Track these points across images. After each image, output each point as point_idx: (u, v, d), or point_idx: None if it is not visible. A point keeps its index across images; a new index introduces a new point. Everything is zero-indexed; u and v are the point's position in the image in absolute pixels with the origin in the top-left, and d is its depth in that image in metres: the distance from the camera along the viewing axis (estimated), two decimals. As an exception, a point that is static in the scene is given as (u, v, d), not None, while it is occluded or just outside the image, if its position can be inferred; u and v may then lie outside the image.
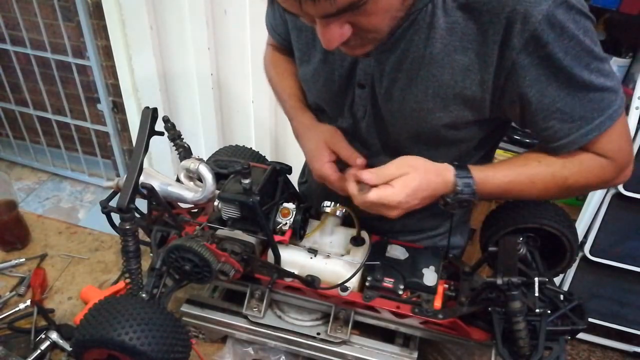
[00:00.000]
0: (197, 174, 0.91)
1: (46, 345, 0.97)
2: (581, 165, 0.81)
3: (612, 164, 0.82)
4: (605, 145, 0.80)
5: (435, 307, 0.84)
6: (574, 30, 0.71)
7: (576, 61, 0.71)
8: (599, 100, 0.75)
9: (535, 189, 0.83)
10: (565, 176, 0.81)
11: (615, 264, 1.84)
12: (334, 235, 0.93)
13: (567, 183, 0.82)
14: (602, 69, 0.74)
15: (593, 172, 0.82)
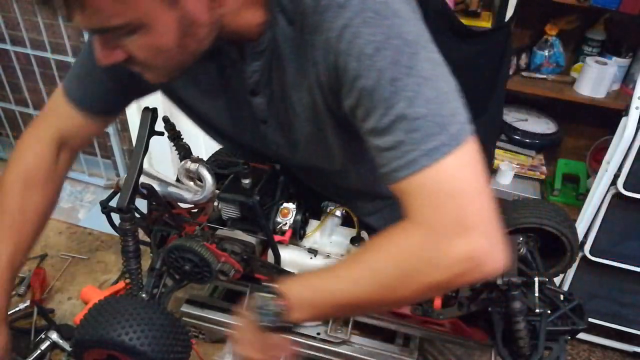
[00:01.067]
0: (197, 174, 0.91)
1: (46, 345, 0.97)
2: (386, 244, 0.63)
3: (424, 235, 0.59)
4: (416, 201, 0.60)
5: (435, 307, 0.84)
6: (369, 36, 0.60)
7: (375, 75, 0.60)
8: (406, 129, 0.59)
9: (351, 296, 0.64)
10: (380, 270, 0.62)
11: (615, 264, 1.84)
12: (334, 235, 0.93)
13: (381, 274, 0.62)
14: (419, 87, 0.59)
15: (400, 249, 0.61)
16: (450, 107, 0.60)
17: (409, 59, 0.59)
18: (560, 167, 2.20)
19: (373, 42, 0.59)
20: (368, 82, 0.60)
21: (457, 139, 0.59)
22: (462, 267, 0.58)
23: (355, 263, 0.65)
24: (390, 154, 0.60)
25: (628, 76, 2.04)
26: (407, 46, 0.60)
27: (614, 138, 1.63)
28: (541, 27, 2.05)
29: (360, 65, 0.60)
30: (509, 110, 2.25)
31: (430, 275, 0.59)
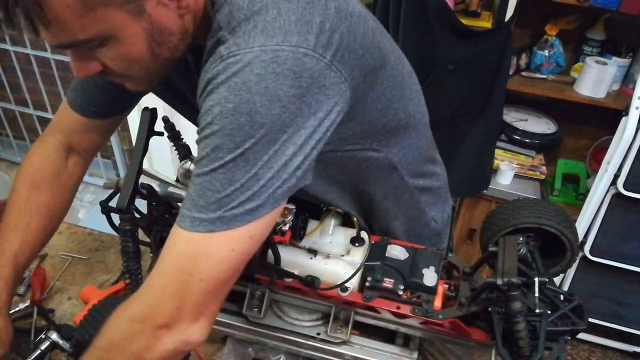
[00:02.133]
0: (197, 174, 0.91)
1: (46, 345, 0.97)
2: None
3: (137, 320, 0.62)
4: (162, 256, 0.63)
5: (435, 308, 0.84)
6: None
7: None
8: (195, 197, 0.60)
9: None
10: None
11: (615, 264, 1.84)
12: (334, 235, 0.93)
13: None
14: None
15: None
16: (243, 194, 0.58)
17: (243, 140, 0.56)
18: (560, 167, 2.20)
19: (224, 104, 0.57)
20: (202, 135, 0.59)
21: (227, 222, 0.58)
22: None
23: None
24: (185, 200, 0.61)
25: (628, 76, 2.04)
26: (248, 127, 0.56)
27: (614, 138, 1.63)
28: (541, 27, 2.05)
29: (205, 118, 0.59)
30: (509, 110, 2.25)
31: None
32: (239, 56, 0.56)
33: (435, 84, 1.65)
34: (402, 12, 1.56)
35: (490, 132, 1.87)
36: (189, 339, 0.63)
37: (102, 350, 0.64)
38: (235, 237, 0.59)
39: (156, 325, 0.61)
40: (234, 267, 0.62)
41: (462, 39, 1.62)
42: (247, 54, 0.56)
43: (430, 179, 0.98)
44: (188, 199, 0.60)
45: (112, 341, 0.63)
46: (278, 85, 0.55)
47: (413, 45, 1.58)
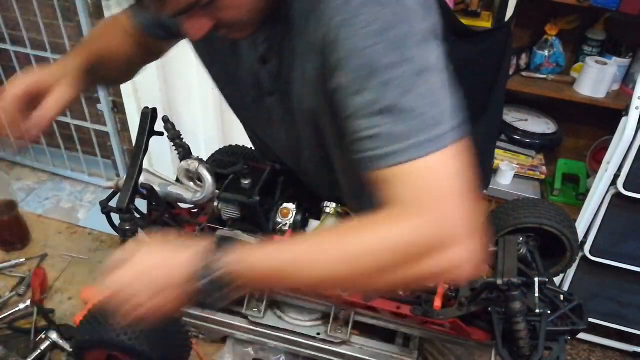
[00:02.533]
0: (196, 174, 0.91)
1: (46, 345, 0.97)
2: (366, 232, 0.59)
3: (412, 227, 0.57)
4: (406, 190, 0.58)
5: (435, 307, 0.84)
6: (368, 27, 0.58)
7: (371, 65, 0.59)
8: (400, 119, 0.58)
9: (314, 274, 0.61)
10: (354, 254, 0.59)
11: (615, 264, 1.84)
12: (334, 236, 0.93)
13: (361, 266, 0.59)
14: (413, 79, 0.58)
15: (384, 241, 0.58)
16: (444, 104, 0.59)
17: (410, 50, 0.58)
18: (560, 167, 2.20)
19: (376, 24, 0.57)
20: (364, 64, 0.58)
21: (446, 138, 0.58)
22: (435, 269, 0.58)
23: (329, 246, 0.61)
24: (376, 140, 0.59)
25: (628, 76, 2.04)
26: (410, 37, 0.58)
27: (614, 138, 1.63)
28: (541, 27, 2.05)
29: (358, 45, 0.58)
30: (509, 110, 2.25)
31: (403, 272, 0.58)
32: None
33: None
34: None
35: (490, 132, 1.87)
36: (472, 255, 0.58)
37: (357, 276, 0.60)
38: (457, 147, 0.60)
39: (439, 247, 0.57)
40: (467, 177, 0.60)
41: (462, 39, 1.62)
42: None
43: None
44: (390, 134, 0.57)
45: (375, 244, 0.58)
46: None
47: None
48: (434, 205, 0.58)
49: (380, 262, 0.58)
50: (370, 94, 0.58)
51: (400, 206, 0.58)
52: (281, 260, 0.62)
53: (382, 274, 0.59)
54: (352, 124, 0.61)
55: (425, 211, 0.57)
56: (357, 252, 0.59)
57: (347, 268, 0.59)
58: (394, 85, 0.57)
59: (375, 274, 0.59)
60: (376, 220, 0.59)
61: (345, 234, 0.62)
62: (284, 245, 0.65)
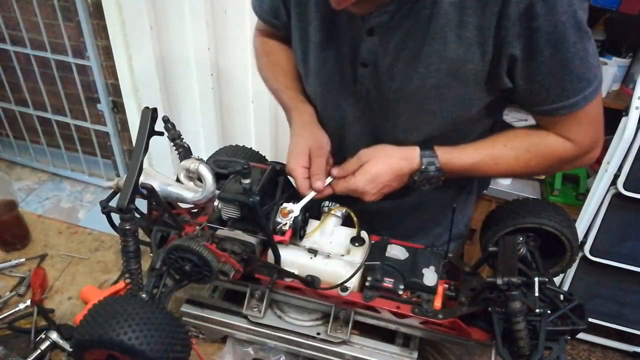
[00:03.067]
0: (197, 174, 0.91)
1: (46, 345, 0.97)
2: (544, 149, 0.88)
3: (574, 148, 0.87)
4: (572, 127, 0.85)
5: (435, 307, 0.84)
6: (566, 7, 0.72)
7: (562, 38, 0.74)
8: (577, 79, 0.79)
9: (499, 169, 0.90)
10: (527, 159, 0.88)
11: (615, 264, 1.84)
12: (334, 235, 0.93)
13: (530, 165, 0.89)
14: (587, 49, 0.77)
15: (555, 154, 0.88)
16: (598, 62, 0.81)
17: (584, 25, 0.75)
18: (561, 167, 2.20)
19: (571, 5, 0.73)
20: (558, 38, 0.74)
21: (599, 86, 0.81)
22: (584, 164, 0.91)
23: (512, 154, 0.88)
24: (560, 94, 0.80)
25: (628, 76, 2.04)
26: (583, 13, 0.75)
27: (614, 138, 1.63)
28: (541, 27, 2.05)
29: (556, 22, 0.73)
30: (509, 110, 2.24)
31: (561, 169, 0.95)
32: None
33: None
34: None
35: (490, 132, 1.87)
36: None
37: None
38: (601, 94, 0.85)
39: (587, 149, 0.89)
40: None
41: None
42: None
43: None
44: (560, 89, 0.79)
45: (548, 157, 0.89)
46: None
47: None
48: (593, 132, 0.87)
49: (545, 167, 0.91)
50: (561, 61, 0.76)
51: (574, 136, 0.86)
52: (475, 158, 0.88)
53: (547, 169, 0.94)
54: (541, 82, 0.79)
55: (589, 138, 0.87)
56: (532, 164, 0.89)
57: (521, 169, 0.90)
58: (579, 57, 0.76)
59: (542, 170, 0.93)
60: (556, 144, 0.88)
61: (528, 146, 0.89)
62: (479, 147, 0.89)
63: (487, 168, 0.89)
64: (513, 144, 0.89)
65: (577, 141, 0.86)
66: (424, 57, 0.81)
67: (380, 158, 0.87)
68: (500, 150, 0.89)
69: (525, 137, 0.89)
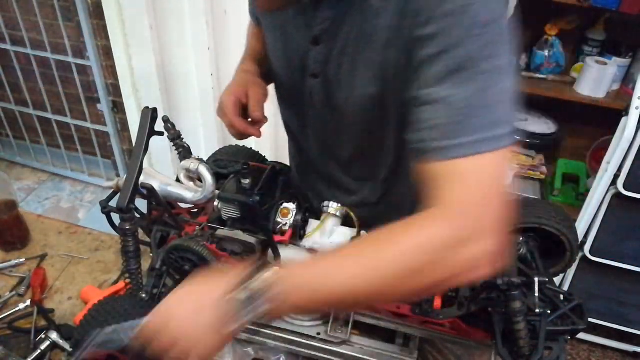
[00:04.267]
0: (197, 174, 0.91)
1: (46, 345, 0.97)
2: (406, 242, 0.59)
3: (443, 223, 0.58)
4: (448, 184, 0.59)
5: (435, 307, 0.84)
6: (469, 28, 0.59)
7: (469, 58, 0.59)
8: (480, 113, 0.58)
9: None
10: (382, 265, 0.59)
11: (615, 264, 1.84)
12: (334, 235, 0.93)
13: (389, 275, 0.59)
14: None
15: (426, 247, 0.58)
16: (509, 107, 0.60)
17: (499, 48, 0.59)
18: (560, 167, 2.20)
19: (478, 17, 0.58)
20: (458, 52, 0.58)
21: (504, 140, 0.58)
22: (470, 269, 0.58)
23: (363, 255, 0.60)
24: (439, 130, 0.59)
25: (628, 76, 2.04)
26: (501, 35, 0.59)
27: (614, 138, 1.63)
28: (541, 27, 2.05)
29: (458, 33, 0.58)
30: (509, 110, 2.25)
31: (438, 274, 0.58)
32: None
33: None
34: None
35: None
36: (494, 250, 0.58)
37: (390, 279, 0.59)
38: (508, 151, 0.59)
39: (463, 245, 0.57)
40: (506, 180, 0.61)
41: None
42: None
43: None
44: (455, 127, 0.58)
45: (408, 268, 0.58)
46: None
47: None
48: (475, 207, 0.58)
49: (414, 264, 0.58)
50: (447, 81, 0.58)
51: (443, 206, 0.58)
52: (317, 275, 0.60)
53: (416, 276, 0.58)
54: (420, 110, 0.61)
55: (464, 213, 0.58)
56: (390, 259, 0.58)
57: (381, 276, 0.59)
58: (476, 81, 0.58)
59: (409, 283, 0.59)
60: (418, 222, 0.59)
61: (384, 241, 0.60)
62: (320, 261, 0.65)
63: (333, 287, 0.60)
64: (368, 240, 0.66)
65: (450, 217, 0.58)
66: (362, 64, 0.74)
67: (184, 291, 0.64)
68: (348, 259, 0.62)
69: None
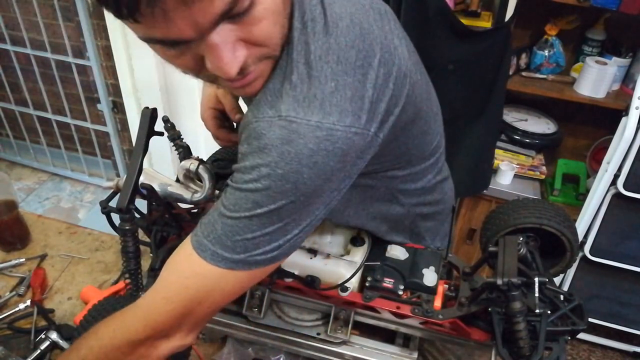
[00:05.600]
0: (196, 174, 0.91)
1: (46, 345, 0.97)
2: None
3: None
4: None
5: (435, 308, 0.84)
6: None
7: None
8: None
9: None
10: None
11: (615, 264, 1.84)
12: (334, 236, 0.93)
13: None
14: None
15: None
16: (249, 242, 0.62)
17: (282, 200, 0.60)
18: (560, 167, 2.20)
19: (274, 169, 0.58)
20: (242, 180, 0.61)
21: (247, 265, 0.63)
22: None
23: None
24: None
25: (628, 76, 2.04)
26: (291, 193, 0.60)
27: (614, 138, 1.63)
28: (541, 27, 2.05)
29: (250, 171, 0.60)
30: (509, 110, 2.25)
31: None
32: (295, 124, 0.58)
33: (435, 84, 1.65)
34: (402, 12, 1.56)
35: (490, 132, 1.87)
36: (184, 344, 0.69)
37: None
38: (248, 277, 0.65)
39: (156, 339, 0.67)
40: (236, 296, 0.69)
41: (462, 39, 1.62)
42: (304, 126, 0.58)
43: (436, 206, 0.95)
44: (212, 232, 0.63)
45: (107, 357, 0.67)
46: (327, 161, 0.59)
47: (413, 45, 1.58)
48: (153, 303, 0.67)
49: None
50: (233, 200, 0.62)
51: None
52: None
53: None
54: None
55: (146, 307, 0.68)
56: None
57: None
58: (247, 209, 0.61)
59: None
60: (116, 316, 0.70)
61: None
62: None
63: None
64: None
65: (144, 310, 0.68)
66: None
67: None
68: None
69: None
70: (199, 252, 0.63)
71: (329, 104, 0.58)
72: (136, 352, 0.67)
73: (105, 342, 0.67)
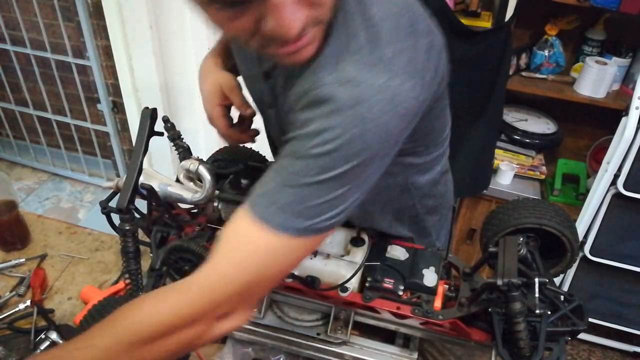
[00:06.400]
0: (196, 175, 0.91)
1: (46, 346, 0.97)
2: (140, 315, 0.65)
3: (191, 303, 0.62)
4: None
5: (435, 308, 0.84)
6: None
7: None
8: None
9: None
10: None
11: (615, 264, 1.84)
12: (334, 236, 0.93)
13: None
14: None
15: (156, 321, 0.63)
16: (315, 207, 0.61)
17: (349, 163, 0.60)
18: (560, 167, 2.20)
19: (342, 134, 0.58)
20: (308, 146, 0.60)
21: (314, 231, 0.62)
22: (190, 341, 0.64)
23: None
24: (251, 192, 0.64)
25: (628, 76, 2.04)
26: (357, 155, 0.60)
27: (614, 138, 1.63)
28: (541, 27, 2.05)
29: (315, 136, 0.60)
30: (509, 110, 2.25)
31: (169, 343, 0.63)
32: (362, 86, 0.59)
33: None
34: (402, 12, 1.56)
35: (490, 132, 1.87)
36: (241, 323, 0.66)
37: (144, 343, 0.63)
38: (312, 245, 0.64)
39: (216, 317, 0.64)
40: (294, 268, 0.68)
41: (462, 39, 1.62)
42: (371, 88, 0.59)
43: (440, 199, 0.97)
44: (277, 202, 0.61)
45: (158, 332, 0.63)
46: (393, 122, 0.60)
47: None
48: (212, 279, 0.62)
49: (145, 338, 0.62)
50: (299, 167, 0.61)
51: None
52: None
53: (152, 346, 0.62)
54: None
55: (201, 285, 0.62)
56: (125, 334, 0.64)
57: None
58: (315, 173, 0.60)
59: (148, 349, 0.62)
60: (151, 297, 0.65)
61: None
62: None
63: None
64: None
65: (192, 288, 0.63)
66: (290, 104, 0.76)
67: None
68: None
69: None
70: (267, 222, 0.61)
71: (393, 66, 0.60)
72: (193, 330, 0.62)
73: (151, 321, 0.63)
